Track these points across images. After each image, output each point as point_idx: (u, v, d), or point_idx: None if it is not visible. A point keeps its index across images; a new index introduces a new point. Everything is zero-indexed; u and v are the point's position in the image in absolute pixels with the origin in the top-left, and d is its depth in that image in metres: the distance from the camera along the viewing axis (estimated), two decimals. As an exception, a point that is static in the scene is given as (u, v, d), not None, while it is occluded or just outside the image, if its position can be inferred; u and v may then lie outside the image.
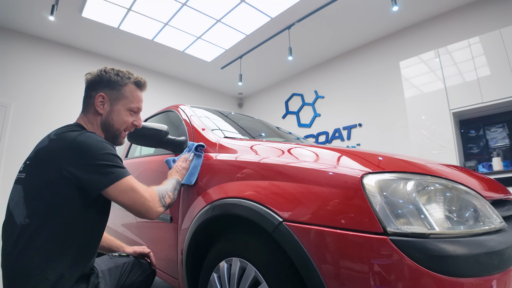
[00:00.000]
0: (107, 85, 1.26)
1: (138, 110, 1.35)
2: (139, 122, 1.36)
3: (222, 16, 5.36)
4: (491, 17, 4.56)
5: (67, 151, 1.03)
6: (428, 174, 0.90)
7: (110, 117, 1.26)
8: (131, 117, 1.32)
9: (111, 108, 1.26)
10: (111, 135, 1.29)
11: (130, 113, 1.31)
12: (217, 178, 1.34)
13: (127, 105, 1.29)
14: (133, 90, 1.31)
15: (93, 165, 1.03)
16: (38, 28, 5.64)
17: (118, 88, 1.27)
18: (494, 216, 0.88)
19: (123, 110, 1.28)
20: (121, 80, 1.28)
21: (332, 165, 0.96)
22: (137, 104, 1.32)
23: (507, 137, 4.25)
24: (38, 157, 1.06)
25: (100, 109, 1.25)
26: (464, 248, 0.73)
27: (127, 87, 1.29)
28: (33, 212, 1.00)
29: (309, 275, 0.83)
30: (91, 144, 1.05)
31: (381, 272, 0.73)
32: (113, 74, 1.27)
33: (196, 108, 2.17)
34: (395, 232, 0.74)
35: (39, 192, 1.02)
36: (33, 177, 1.05)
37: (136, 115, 1.35)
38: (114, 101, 1.27)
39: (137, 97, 1.32)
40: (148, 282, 1.58)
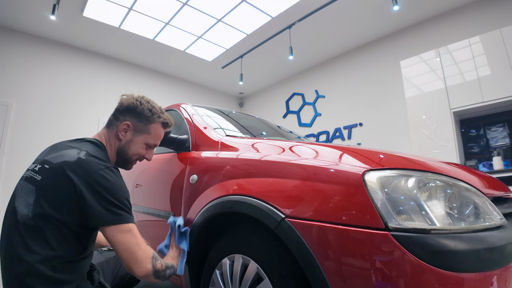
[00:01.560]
0: (137, 116, 1.31)
1: (154, 146, 1.40)
2: (150, 156, 1.41)
3: (223, 15, 5.36)
4: (491, 16, 4.56)
5: (90, 178, 1.04)
6: (429, 171, 0.91)
7: (128, 145, 1.31)
8: (145, 151, 1.36)
9: (131, 138, 1.31)
10: (122, 160, 1.33)
11: (146, 147, 1.36)
12: (219, 176, 1.35)
13: (146, 140, 1.34)
14: (158, 128, 1.37)
15: (106, 200, 1.04)
16: (39, 27, 5.64)
17: (146, 123, 1.32)
18: (494, 213, 0.89)
19: (141, 143, 1.33)
20: (151, 117, 1.33)
21: (334, 162, 0.97)
22: (155, 141, 1.38)
23: (508, 136, 4.25)
24: (61, 168, 1.05)
25: (122, 136, 1.30)
26: (465, 243, 0.74)
27: (154, 124, 1.35)
28: (40, 215, 1.00)
29: (311, 271, 0.84)
30: (114, 183, 1.08)
31: (383, 267, 0.73)
32: (147, 109, 1.31)
33: (197, 107, 2.18)
34: (397, 228, 0.75)
35: (51, 199, 1.02)
36: (50, 183, 1.04)
37: (150, 149, 1.40)
38: (137, 132, 1.32)
39: (158, 136, 1.38)
40: None
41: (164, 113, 1.38)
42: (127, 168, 1.38)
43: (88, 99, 6.26)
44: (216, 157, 1.46)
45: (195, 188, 1.45)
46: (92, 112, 6.26)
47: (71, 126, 5.92)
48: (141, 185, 2.12)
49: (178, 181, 1.63)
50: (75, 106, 6.11)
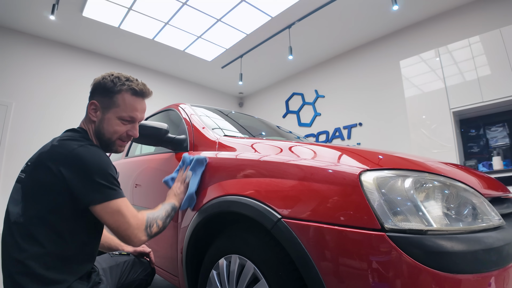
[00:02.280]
0: (101, 92, 1.21)
1: (132, 119, 1.25)
2: (134, 132, 1.27)
3: (222, 15, 5.37)
4: (491, 16, 4.56)
5: (65, 159, 1.02)
6: (426, 171, 0.91)
7: (101, 125, 1.22)
8: (123, 127, 1.24)
9: (102, 116, 1.22)
10: (104, 144, 1.25)
11: (123, 122, 1.23)
12: (216, 176, 1.34)
13: (117, 113, 1.21)
14: (127, 98, 1.22)
15: (88, 180, 1.02)
16: (38, 27, 5.65)
17: (111, 96, 1.20)
18: (492, 214, 0.89)
19: (113, 119, 1.21)
20: (114, 87, 1.20)
21: (331, 163, 0.97)
22: (129, 113, 1.23)
23: (507, 136, 4.25)
24: (39, 160, 1.05)
25: (92, 117, 1.23)
26: (462, 244, 0.74)
27: (120, 95, 1.21)
28: (27, 212, 1.01)
29: (307, 272, 0.84)
30: (89, 159, 1.04)
31: (379, 268, 0.73)
32: (109, 81, 1.21)
33: (196, 107, 2.18)
34: (393, 229, 0.74)
35: (35, 193, 1.03)
36: (32, 178, 1.05)
37: (131, 124, 1.26)
38: (105, 109, 1.21)
39: (130, 106, 1.23)
40: (148, 280, 1.59)
41: (132, 81, 1.24)
42: (115, 151, 1.30)
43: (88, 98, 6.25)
44: (214, 157, 1.45)
45: (193, 188, 1.45)
46: (91, 112, 6.25)
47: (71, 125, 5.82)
48: (140, 185, 2.11)
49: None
50: (74, 105, 6.11)
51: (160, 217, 1.21)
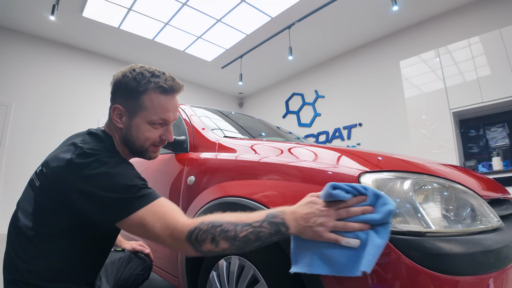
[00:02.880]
0: (124, 94, 1.02)
1: (164, 122, 1.06)
2: (168, 135, 1.09)
3: (222, 15, 5.37)
4: (491, 16, 4.56)
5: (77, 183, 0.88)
6: (426, 173, 0.91)
7: (130, 133, 1.04)
8: (155, 132, 1.06)
9: (129, 122, 1.03)
10: (135, 152, 1.09)
11: (154, 126, 1.05)
12: (216, 177, 1.34)
13: (146, 118, 1.02)
14: (156, 98, 1.02)
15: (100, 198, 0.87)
16: (38, 28, 5.65)
17: (135, 98, 1.01)
18: (491, 215, 0.89)
19: (143, 125, 1.03)
20: (139, 87, 1.00)
21: (330, 164, 0.97)
22: (160, 115, 1.03)
23: (507, 136, 4.25)
24: (53, 176, 0.91)
25: (118, 123, 1.04)
26: (461, 246, 0.74)
27: (146, 95, 1.01)
28: (37, 228, 0.92)
29: (307, 273, 0.84)
30: (101, 176, 0.88)
31: (378, 269, 0.73)
32: (131, 79, 1.01)
33: (196, 107, 2.18)
34: (392, 231, 0.74)
35: (46, 211, 0.93)
36: (45, 194, 0.94)
37: (164, 127, 1.08)
38: (131, 113, 1.03)
39: (160, 107, 1.03)
40: (145, 275, 1.57)
41: (158, 76, 1.03)
42: (149, 158, 1.12)
43: (88, 99, 6.26)
44: (214, 158, 1.46)
45: (193, 189, 1.45)
46: (91, 112, 6.27)
47: (71, 126, 5.91)
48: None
49: (176, 182, 1.63)
50: (74, 106, 6.12)
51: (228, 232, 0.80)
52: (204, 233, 0.80)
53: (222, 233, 0.79)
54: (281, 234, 0.79)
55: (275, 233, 0.79)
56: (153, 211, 0.86)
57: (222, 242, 0.80)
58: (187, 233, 0.81)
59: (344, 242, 0.73)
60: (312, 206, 0.80)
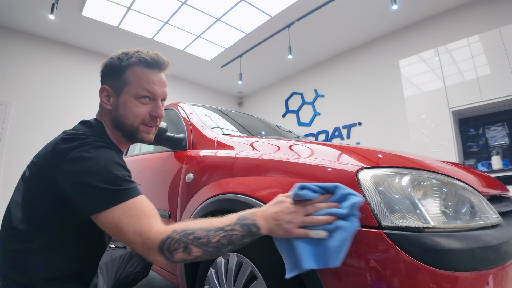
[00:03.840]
0: (110, 73, 1.04)
1: (151, 95, 1.04)
2: (158, 111, 1.06)
3: (222, 14, 5.36)
4: (490, 15, 4.55)
5: (61, 165, 0.86)
6: (424, 169, 0.91)
7: (118, 112, 1.03)
8: (144, 107, 1.03)
9: (117, 101, 1.03)
10: (127, 134, 1.07)
11: (141, 101, 1.03)
12: (215, 174, 1.34)
13: (132, 92, 1.01)
14: (140, 71, 1.02)
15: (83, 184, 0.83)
16: (38, 27, 5.64)
17: (120, 74, 1.02)
18: (490, 212, 0.89)
19: (130, 100, 1.02)
20: (122, 63, 1.02)
21: (329, 161, 0.97)
22: (145, 86, 1.02)
23: (507, 135, 4.25)
24: (41, 162, 0.91)
25: (107, 105, 1.05)
26: (459, 242, 0.74)
27: (130, 70, 1.02)
28: (28, 220, 0.90)
29: (305, 270, 0.84)
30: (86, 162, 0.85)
31: (376, 265, 0.73)
32: (116, 59, 1.03)
33: (195, 106, 2.18)
34: (390, 226, 0.74)
35: (33, 200, 0.91)
36: (33, 182, 0.93)
37: (152, 102, 1.05)
38: (117, 91, 1.03)
39: (145, 79, 1.02)
40: (145, 272, 1.58)
41: (141, 51, 1.04)
42: (142, 140, 1.09)
43: (87, 98, 6.24)
44: (212, 155, 1.45)
45: (191, 186, 1.45)
46: (91, 111, 6.15)
47: (70, 125, 5.84)
48: (139, 185, 2.11)
49: (174, 180, 1.63)
50: (74, 105, 6.11)
51: (201, 239, 0.78)
52: (176, 242, 0.78)
53: (194, 240, 0.78)
54: (252, 235, 0.80)
55: (247, 234, 0.80)
56: (130, 213, 0.83)
57: (195, 250, 0.78)
58: (159, 243, 0.78)
59: (313, 234, 0.77)
60: (280, 205, 0.82)
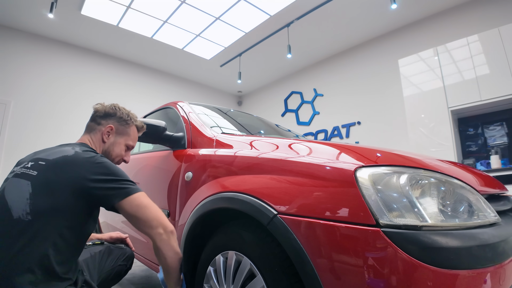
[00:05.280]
0: (118, 120, 1.44)
1: (131, 148, 1.51)
2: (128, 158, 1.53)
3: (221, 13, 5.36)
4: (490, 15, 4.56)
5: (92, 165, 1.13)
6: (422, 168, 0.91)
7: (112, 147, 1.42)
8: (124, 152, 1.48)
9: (114, 140, 1.43)
10: None
11: (126, 148, 1.48)
12: (213, 173, 1.34)
13: (127, 141, 1.47)
14: (135, 131, 1.51)
15: (110, 180, 1.13)
16: (37, 25, 5.63)
17: (126, 126, 1.46)
18: (488, 211, 0.89)
19: (122, 145, 1.45)
20: (129, 121, 1.47)
21: (327, 159, 0.97)
22: (133, 143, 1.51)
23: (505, 135, 4.25)
24: (62, 162, 1.12)
25: (106, 138, 1.40)
26: (457, 240, 0.74)
27: (132, 127, 1.49)
28: (37, 211, 1.01)
29: (303, 268, 0.84)
30: (110, 164, 1.19)
31: (374, 263, 0.73)
32: (125, 114, 1.46)
33: (194, 105, 2.17)
34: (388, 224, 0.74)
35: (49, 193, 1.04)
36: (50, 178, 1.07)
37: (128, 151, 1.51)
38: (119, 135, 1.44)
39: (135, 138, 1.52)
40: (128, 264, 1.64)
41: (137, 119, 1.53)
42: None
43: (86, 97, 6.24)
44: (211, 154, 1.46)
45: (190, 185, 1.45)
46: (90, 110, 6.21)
47: (69, 124, 5.91)
48: (138, 183, 2.10)
49: (173, 179, 1.63)
50: (73, 104, 6.10)
51: None
52: None
53: None
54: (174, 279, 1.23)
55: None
56: (146, 195, 1.21)
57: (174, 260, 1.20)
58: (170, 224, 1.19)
59: None
60: None
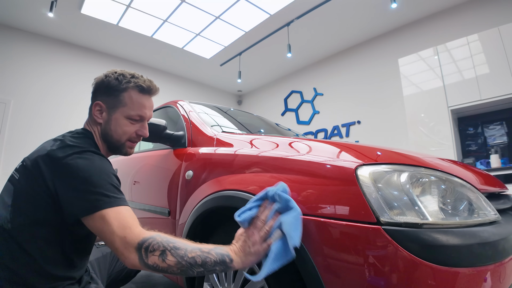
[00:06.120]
0: (105, 91, 1.14)
1: (141, 118, 1.18)
2: (144, 131, 1.20)
3: (221, 12, 5.36)
4: (489, 14, 4.56)
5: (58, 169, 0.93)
6: (423, 166, 0.91)
7: (108, 127, 1.14)
8: (132, 127, 1.17)
9: (108, 117, 1.14)
10: (112, 147, 1.18)
11: (131, 122, 1.16)
12: (214, 171, 1.34)
13: (125, 112, 1.14)
14: (134, 95, 1.15)
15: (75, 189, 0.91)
16: (37, 24, 5.63)
17: (116, 94, 1.13)
18: (488, 209, 0.89)
19: (122, 119, 1.14)
20: (120, 85, 1.13)
21: (328, 157, 0.97)
22: (138, 111, 1.16)
23: (505, 134, 4.25)
24: (33, 164, 0.96)
25: (98, 119, 1.15)
26: (457, 238, 0.74)
27: (126, 93, 1.13)
28: (15, 219, 0.93)
29: (304, 265, 0.84)
30: (81, 168, 0.93)
31: (375, 261, 0.73)
32: (113, 79, 1.13)
33: (194, 104, 2.18)
34: (388, 222, 0.74)
35: (24, 200, 0.95)
36: (23, 182, 0.97)
37: (140, 123, 1.19)
38: (112, 109, 1.14)
39: (138, 104, 1.15)
40: None
41: (138, 77, 1.17)
42: (125, 153, 1.21)
43: (86, 96, 6.18)
44: (211, 153, 1.46)
45: (191, 183, 1.45)
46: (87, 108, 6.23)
47: (69, 123, 5.87)
48: (138, 182, 2.11)
49: (174, 177, 1.63)
50: (73, 103, 6.10)
51: (179, 250, 0.84)
52: (157, 244, 0.84)
53: (173, 249, 0.84)
54: (225, 264, 0.86)
55: (220, 262, 0.85)
56: (119, 214, 0.90)
57: (170, 258, 0.83)
58: (141, 240, 0.84)
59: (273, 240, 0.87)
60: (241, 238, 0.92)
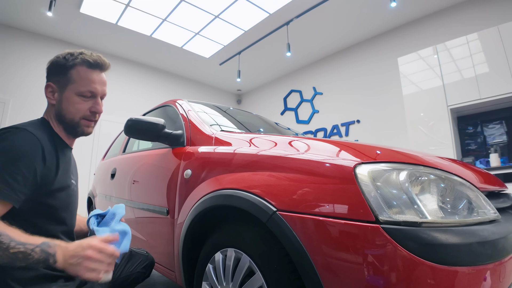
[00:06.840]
0: (55, 71, 1.13)
1: (92, 94, 1.15)
2: (97, 107, 1.17)
3: (220, 12, 5.35)
4: (489, 13, 4.56)
5: None
6: (422, 164, 0.91)
7: (61, 106, 1.12)
8: (84, 104, 1.14)
9: (60, 97, 1.12)
10: (68, 127, 1.16)
11: (83, 99, 1.13)
12: (213, 170, 1.34)
13: (75, 90, 1.12)
14: (83, 71, 1.13)
15: None
16: (36, 24, 5.62)
17: (65, 73, 1.12)
18: (488, 207, 0.89)
19: (73, 97, 1.12)
20: (67, 63, 1.12)
21: (326, 156, 0.97)
22: (87, 87, 1.13)
23: (505, 133, 4.25)
24: None
25: (51, 100, 1.14)
26: (457, 237, 0.74)
27: (74, 70, 1.12)
28: None
29: (302, 264, 0.84)
30: None
31: (374, 260, 0.73)
32: (61, 58, 1.13)
33: (193, 103, 2.17)
34: (387, 221, 0.74)
35: None
36: None
37: (92, 100, 1.16)
38: (62, 88, 1.12)
39: (87, 80, 1.13)
40: (146, 273, 1.51)
41: (85, 53, 1.15)
42: (82, 133, 1.19)
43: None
44: (210, 152, 1.45)
45: (189, 182, 1.45)
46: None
47: (68, 123, 5.89)
48: (137, 181, 2.11)
49: (172, 176, 1.63)
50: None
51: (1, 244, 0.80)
52: None
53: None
54: (48, 264, 0.84)
55: (43, 261, 0.83)
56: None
57: None
58: None
59: None
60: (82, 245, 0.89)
